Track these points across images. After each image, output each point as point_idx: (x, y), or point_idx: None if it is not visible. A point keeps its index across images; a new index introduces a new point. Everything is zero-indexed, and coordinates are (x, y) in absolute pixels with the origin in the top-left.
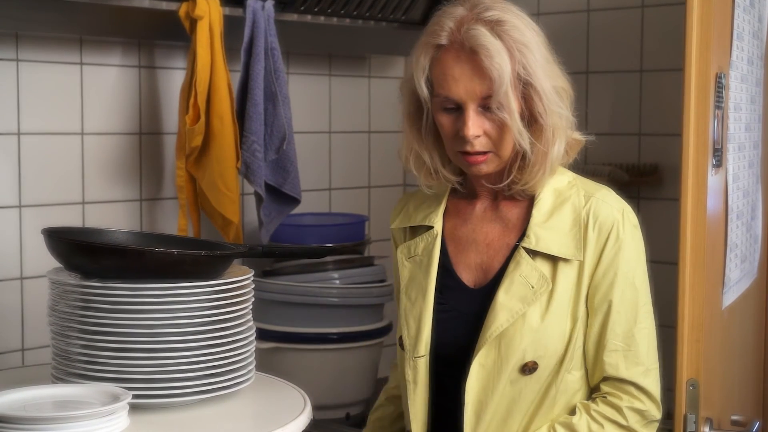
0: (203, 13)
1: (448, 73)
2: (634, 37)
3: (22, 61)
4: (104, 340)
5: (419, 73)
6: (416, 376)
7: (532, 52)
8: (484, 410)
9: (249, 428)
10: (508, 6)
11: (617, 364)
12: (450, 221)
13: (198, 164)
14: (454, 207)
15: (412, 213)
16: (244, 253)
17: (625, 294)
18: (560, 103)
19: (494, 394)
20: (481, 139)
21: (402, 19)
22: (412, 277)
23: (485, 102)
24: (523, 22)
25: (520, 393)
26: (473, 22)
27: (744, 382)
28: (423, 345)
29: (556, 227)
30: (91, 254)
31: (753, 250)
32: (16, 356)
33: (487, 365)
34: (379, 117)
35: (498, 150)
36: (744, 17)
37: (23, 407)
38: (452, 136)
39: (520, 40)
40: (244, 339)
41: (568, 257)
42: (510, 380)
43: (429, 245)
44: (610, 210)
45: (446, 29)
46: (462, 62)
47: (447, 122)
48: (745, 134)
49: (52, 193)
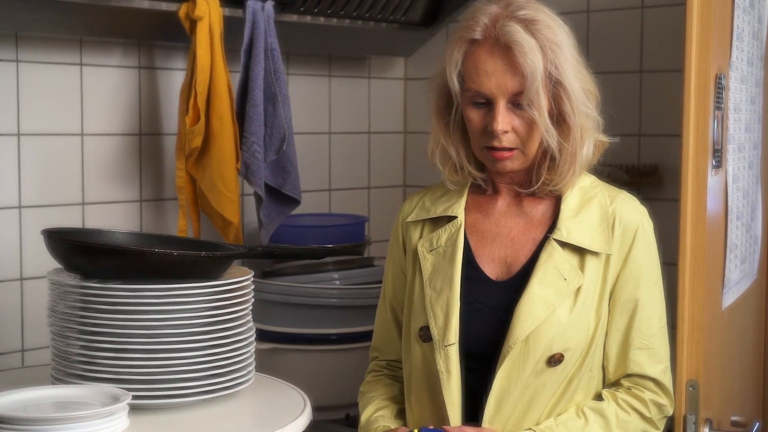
0: (203, 14)
1: (480, 68)
2: (634, 37)
3: (22, 62)
4: (104, 341)
5: (452, 66)
6: (449, 364)
7: (564, 51)
8: (506, 399)
9: (249, 429)
10: (540, 6)
11: (642, 362)
12: (471, 215)
13: (198, 165)
14: (474, 201)
15: (430, 207)
16: (244, 253)
17: (650, 294)
18: (588, 104)
19: (518, 384)
20: (509, 135)
21: (402, 20)
22: (435, 268)
23: (515, 98)
24: (555, 23)
25: (544, 384)
26: (507, 19)
27: (744, 383)
28: (453, 333)
29: (585, 222)
30: (91, 255)
31: (753, 250)
32: (16, 357)
33: (513, 355)
34: (379, 118)
35: (525, 147)
36: (744, 18)
37: (23, 408)
38: (480, 131)
39: (553, 39)
40: (243, 340)
41: (598, 250)
42: (535, 371)
43: (453, 236)
44: (635, 211)
45: (481, 25)
46: (495, 57)
47: (476, 117)
48: (745, 135)
49: (51, 193)
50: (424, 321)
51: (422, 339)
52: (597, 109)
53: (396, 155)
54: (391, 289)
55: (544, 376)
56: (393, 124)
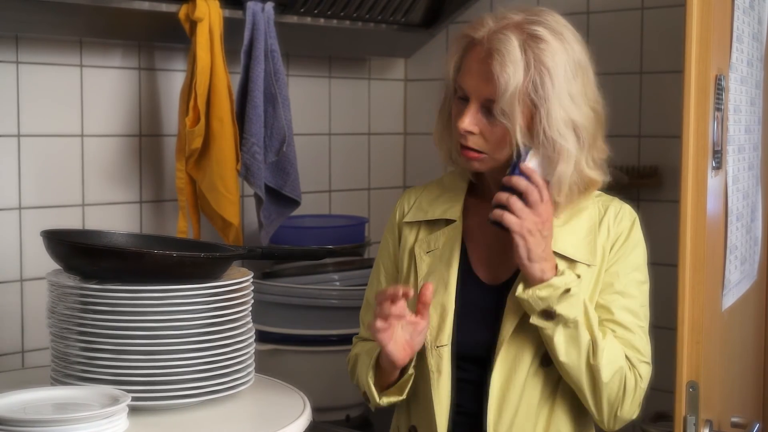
0: (203, 15)
1: (466, 66)
2: (634, 38)
3: (22, 63)
4: (103, 342)
5: (451, 58)
6: (440, 364)
7: (553, 78)
8: (506, 402)
9: (248, 430)
10: (561, 27)
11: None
12: (468, 219)
13: (198, 166)
14: (471, 206)
15: (427, 208)
16: (244, 255)
17: (632, 294)
18: (566, 136)
19: (515, 386)
20: (475, 138)
21: (402, 22)
22: (431, 270)
23: (488, 104)
24: (563, 47)
25: (543, 383)
26: (512, 29)
27: (744, 384)
28: (446, 335)
29: (572, 232)
30: (91, 256)
31: (753, 252)
32: (16, 358)
33: (508, 359)
34: (379, 119)
35: (493, 153)
36: (744, 19)
37: (23, 409)
38: (455, 125)
39: (546, 62)
40: (243, 341)
41: (581, 260)
42: (531, 372)
43: (451, 239)
44: (626, 214)
45: (486, 26)
46: (479, 61)
47: (456, 110)
48: (745, 136)
49: (51, 195)
50: None
51: None
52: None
53: (396, 156)
54: (385, 283)
55: (541, 375)
56: (393, 126)
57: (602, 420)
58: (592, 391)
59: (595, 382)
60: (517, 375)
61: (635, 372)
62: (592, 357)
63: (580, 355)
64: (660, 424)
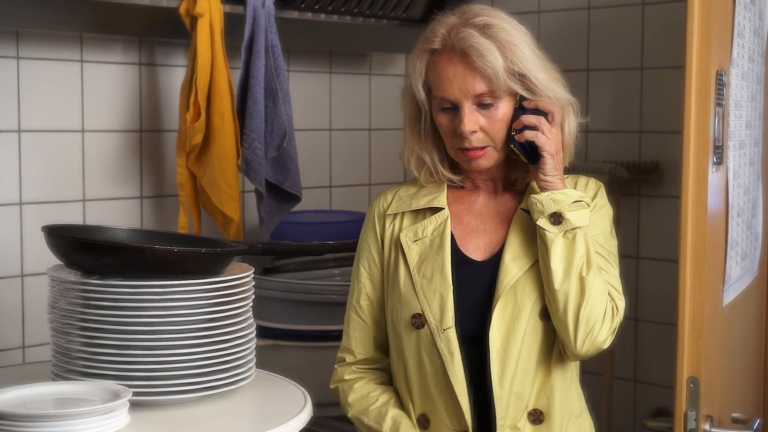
0: (204, 11)
1: (442, 75)
2: (635, 34)
3: (23, 59)
4: (104, 337)
5: (416, 77)
6: (450, 346)
7: (520, 48)
8: (508, 357)
9: (249, 425)
10: (496, 12)
11: None
12: (453, 207)
13: (198, 162)
14: (454, 196)
15: (410, 201)
16: (245, 250)
17: (605, 241)
18: (556, 88)
19: (516, 341)
20: (478, 135)
21: (402, 17)
22: (423, 257)
23: (479, 99)
24: (510, 25)
25: (544, 336)
26: (463, 26)
27: (745, 380)
28: (449, 317)
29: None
30: (92, 251)
31: (754, 247)
32: (17, 353)
33: (505, 316)
34: (380, 114)
35: (496, 143)
36: (744, 14)
37: (24, 404)
38: (451, 135)
39: (508, 39)
40: (244, 336)
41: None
42: (531, 326)
43: (440, 226)
44: (591, 185)
45: (439, 35)
46: (455, 63)
47: (445, 121)
48: (746, 132)
49: (52, 190)
50: (416, 308)
51: (415, 326)
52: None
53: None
54: (368, 283)
55: (540, 328)
56: (393, 121)
57: (575, 341)
58: (576, 305)
59: (582, 295)
60: (516, 328)
61: (614, 303)
62: (585, 269)
63: (574, 265)
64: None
